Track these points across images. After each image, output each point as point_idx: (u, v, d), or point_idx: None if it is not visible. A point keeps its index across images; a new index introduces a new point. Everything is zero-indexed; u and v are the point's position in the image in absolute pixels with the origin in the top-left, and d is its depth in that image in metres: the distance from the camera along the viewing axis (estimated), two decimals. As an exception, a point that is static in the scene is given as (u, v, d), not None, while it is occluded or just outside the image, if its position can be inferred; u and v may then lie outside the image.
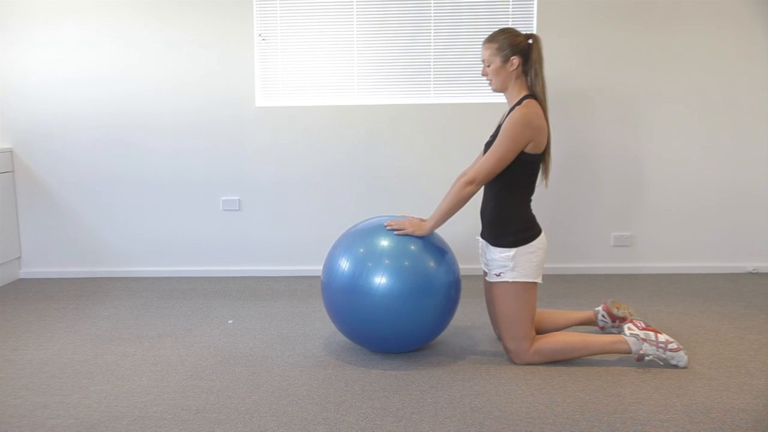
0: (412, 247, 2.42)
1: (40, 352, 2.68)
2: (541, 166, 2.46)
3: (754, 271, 3.83)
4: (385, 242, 2.43)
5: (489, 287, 2.53)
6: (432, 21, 3.72)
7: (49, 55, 3.78)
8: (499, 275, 2.43)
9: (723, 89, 3.72)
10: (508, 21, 3.70)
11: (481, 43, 2.47)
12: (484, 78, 2.49)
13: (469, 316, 3.05)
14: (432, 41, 3.73)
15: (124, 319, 3.11)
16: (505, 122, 2.38)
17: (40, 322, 3.08)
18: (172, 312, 3.21)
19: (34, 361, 2.58)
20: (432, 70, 3.76)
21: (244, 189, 3.87)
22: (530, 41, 2.41)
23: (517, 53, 2.39)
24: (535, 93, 2.42)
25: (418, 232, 2.43)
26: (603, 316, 2.69)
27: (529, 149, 2.36)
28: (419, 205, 3.58)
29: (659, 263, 3.86)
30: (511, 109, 2.41)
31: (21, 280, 3.91)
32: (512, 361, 2.49)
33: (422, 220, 2.50)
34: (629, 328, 2.43)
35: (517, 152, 2.35)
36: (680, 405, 2.11)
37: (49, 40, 3.76)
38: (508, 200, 2.44)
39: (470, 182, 2.37)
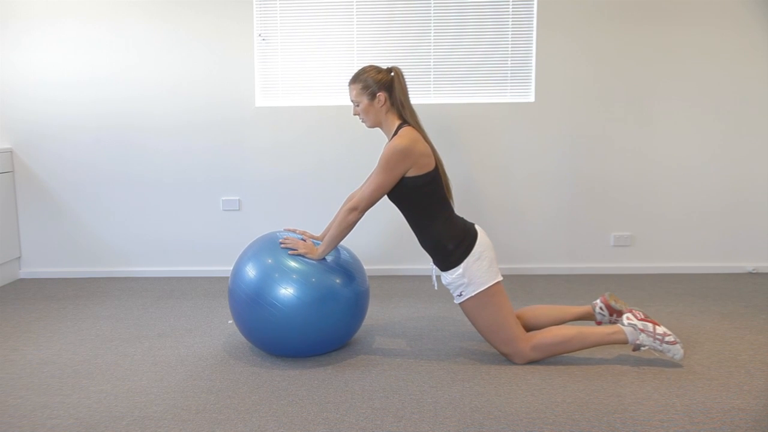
0: (322, 262, 2.49)
1: (40, 352, 2.68)
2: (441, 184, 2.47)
3: (754, 271, 3.83)
4: (291, 258, 2.47)
5: (461, 308, 2.54)
6: (432, 21, 3.72)
7: (49, 55, 3.78)
8: (461, 295, 2.46)
9: (723, 89, 3.72)
10: (508, 21, 3.70)
11: (348, 84, 2.52)
12: (358, 117, 2.54)
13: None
14: (432, 41, 3.73)
15: (124, 319, 3.11)
16: (382, 152, 2.41)
17: (40, 322, 3.08)
18: (172, 312, 3.21)
19: (34, 361, 2.58)
20: (432, 70, 3.76)
21: (244, 189, 3.87)
22: (392, 74, 2.47)
23: (382, 89, 2.45)
24: (407, 121, 2.47)
25: (310, 255, 2.49)
26: (601, 308, 2.69)
27: (412, 173, 2.40)
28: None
29: (659, 263, 3.86)
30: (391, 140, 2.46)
31: (21, 280, 3.91)
32: (513, 362, 2.49)
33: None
34: (628, 318, 2.44)
35: (394, 181, 2.40)
36: (680, 405, 2.11)
37: (48, 41, 3.76)
38: (431, 226, 2.47)
39: (353, 209, 2.43)
